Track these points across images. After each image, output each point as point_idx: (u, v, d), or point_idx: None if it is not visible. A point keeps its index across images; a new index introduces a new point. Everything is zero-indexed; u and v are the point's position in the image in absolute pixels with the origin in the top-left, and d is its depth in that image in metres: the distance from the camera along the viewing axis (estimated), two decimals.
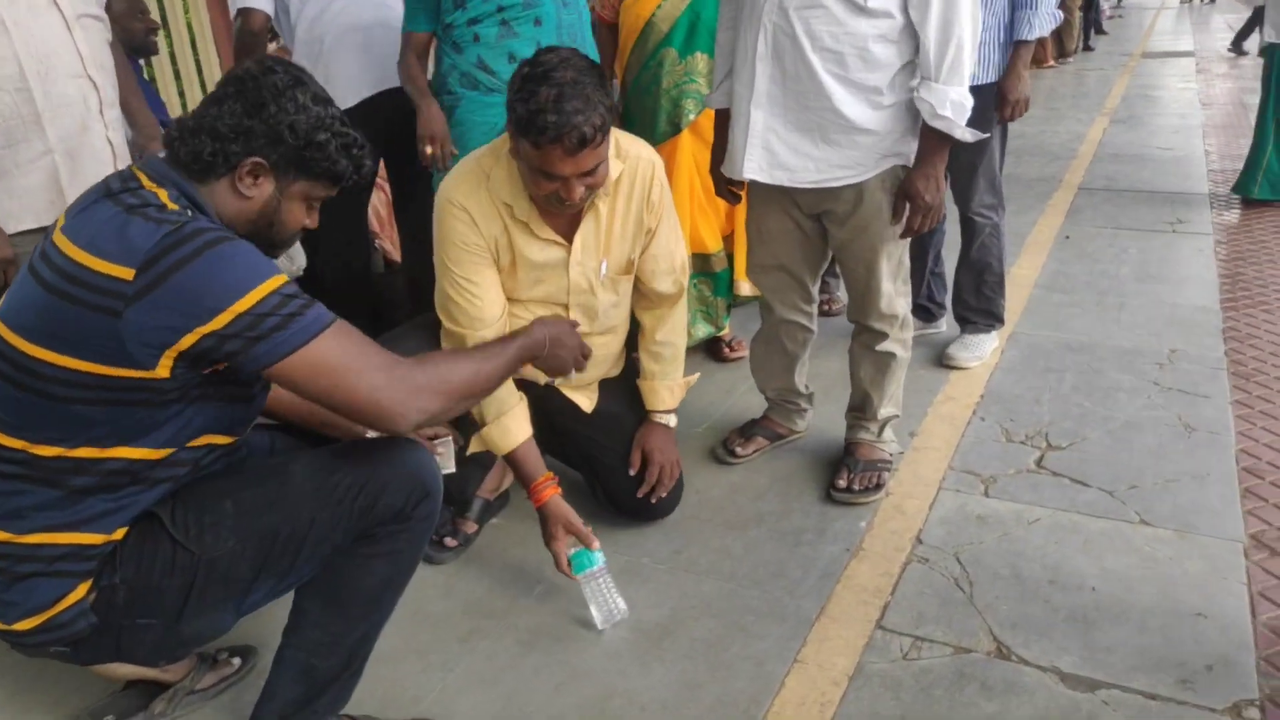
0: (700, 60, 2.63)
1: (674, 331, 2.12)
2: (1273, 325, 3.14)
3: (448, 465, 1.71)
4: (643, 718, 1.62)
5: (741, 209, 2.53)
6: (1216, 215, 4.50)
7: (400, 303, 3.18)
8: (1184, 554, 1.98)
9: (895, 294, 2.13)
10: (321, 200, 1.38)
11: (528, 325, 1.71)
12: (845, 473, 2.23)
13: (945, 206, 2.86)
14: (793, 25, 1.86)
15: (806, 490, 2.29)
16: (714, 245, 2.84)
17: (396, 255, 3.44)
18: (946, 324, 3.13)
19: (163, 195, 1.24)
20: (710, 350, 3.07)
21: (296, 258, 2.16)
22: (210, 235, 1.19)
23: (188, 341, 1.17)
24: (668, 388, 2.13)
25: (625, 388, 2.17)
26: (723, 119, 2.16)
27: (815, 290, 2.31)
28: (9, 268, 1.82)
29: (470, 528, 2.15)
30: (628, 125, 2.72)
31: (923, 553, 2.03)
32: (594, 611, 1.81)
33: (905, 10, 1.83)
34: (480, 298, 1.84)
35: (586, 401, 2.12)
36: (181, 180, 1.27)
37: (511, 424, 1.89)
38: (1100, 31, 12.16)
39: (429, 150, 2.37)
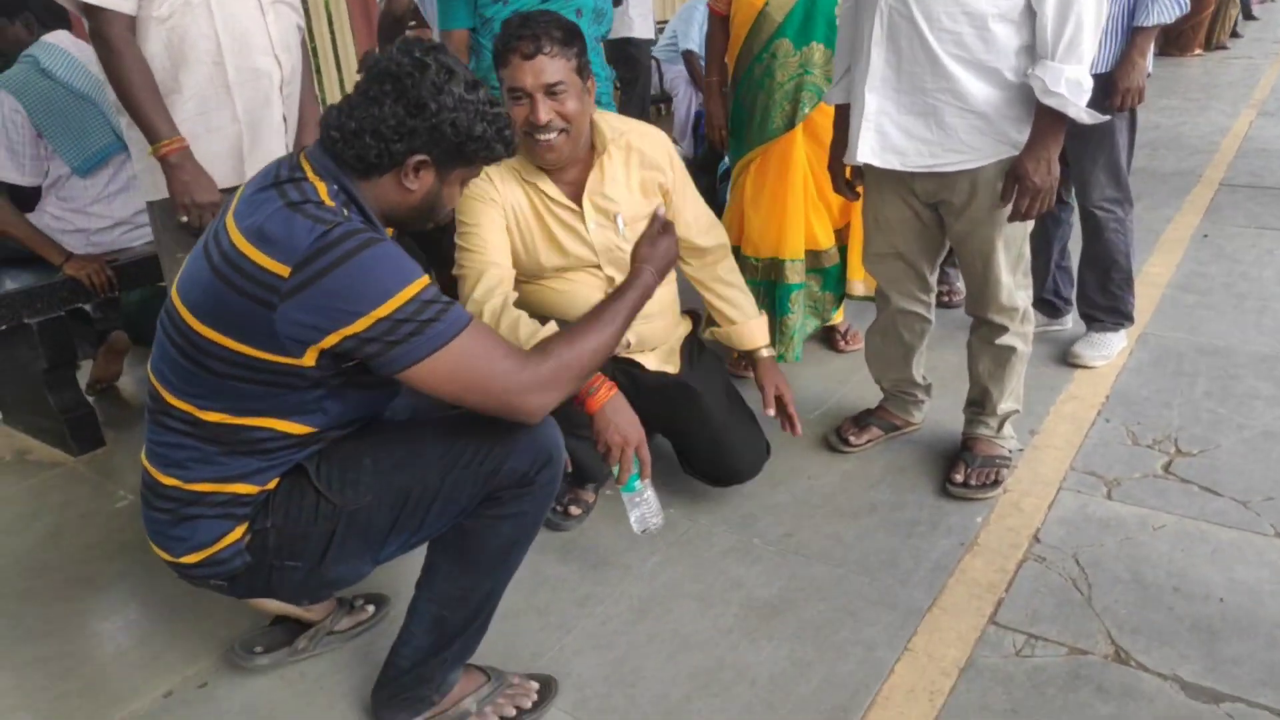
0: (817, 51, 2.56)
1: (731, 271, 2.21)
2: None
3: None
4: (752, 691, 1.67)
5: (856, 205, 2.52)
6: None
7: None
8: None
9: (1015, 286, 2.09)
10: (474, 177, 1.45)
11: (631, 270, 1.65)
12: (962, 467, 2.21)
13: (1063, 195, 2.81)
14: (909, 7, 1.84)
15: (921, 483, 2.28)
16: (826, 242, 2.80)
17: None
18: (1073, 320, 3.03)
19: (321, 189, 1.31)
20: (825, 340, 3.07)
21: None
22: (360, 239, 1.25)
23: (330, 341, 1.26)
24: (756, 325, 2.20)
25: (700, 362, 2.21)
26: (843, 115, 2.15)
27: (933, 280, 2.28)
28: (210, 212, 1.99)
29: (590, 498, 2.24)
30: (737, 121, 2.70)
31: (1040, 552, 2.00)
32: (633, 517, 1.78)
33: None
34: (481, 238, 1.90)
35: (671, 368, 2.15)
36: (343, 176, 1.34)
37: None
38: (1250, 17, 11.42)
39: None
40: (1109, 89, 2.53)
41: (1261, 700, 1.59)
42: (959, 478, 2.20)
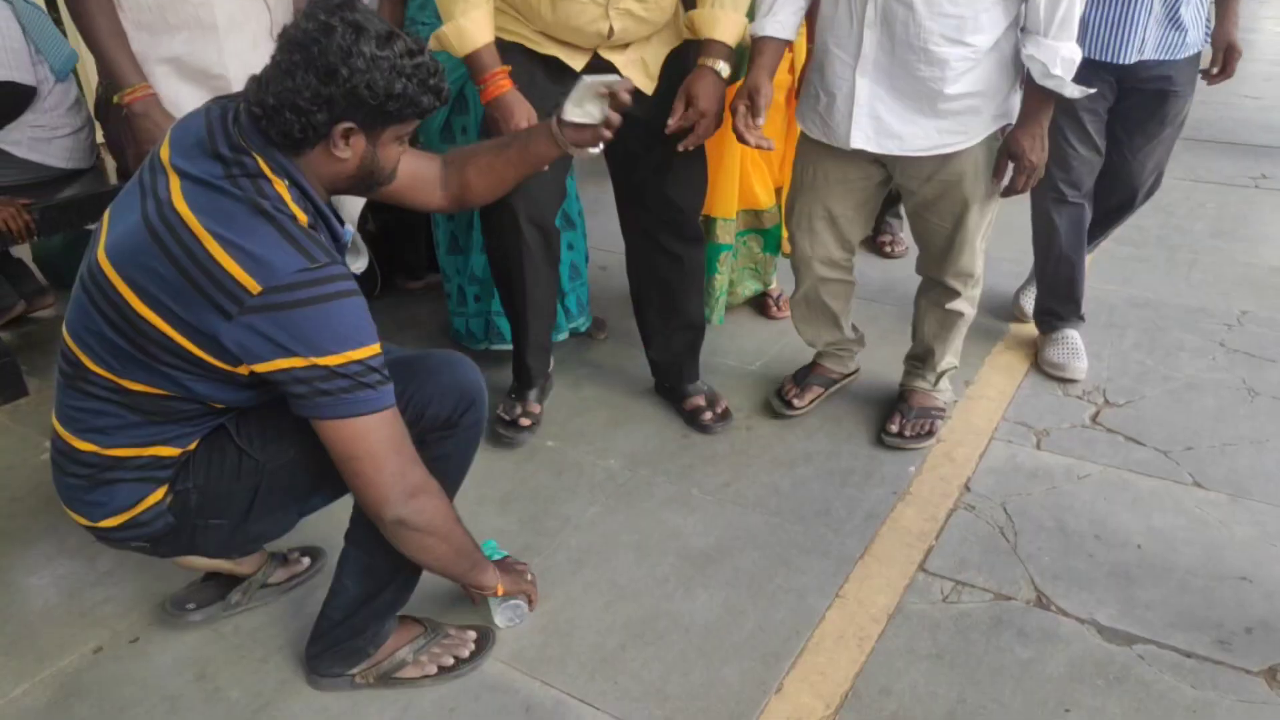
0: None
1: None
2: None
3: None
4: (686, 639, 1.70)
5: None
6: None
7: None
8: (1234, 518, 1.98)
9: (978, 251, 2.09)
10: (414, 130, 1.40)
11: (498, 562, 1.69)
12: (898, 418, 2.25)
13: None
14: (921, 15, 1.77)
15: (857, 432, 2.32)
16: (766, 201, 2.74)
17: None
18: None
19: (282, 189, 1.26)
20: (758, 307, 3.05)
21: (360, 256, 2.08)
22: (339, 286, 1.23)
23: (266, 367, 1.23)
24: (730, 18, 1.91)
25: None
26: (771, 51, 1.96)
27: (857, 241, 2.24)
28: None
29: (536, 408, 2.32)
30: None
31: (970, 500, 2.05)
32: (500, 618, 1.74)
33: None
34: None
35: (646, 80, 1.99)
36: (278, 155, 1.28)
37: (469, 26, 1.83)
38: None
39: None
40: (1217, 54, 2.42)
41: (1171, 642, 1.66)
42: (894, 428, 2.23)
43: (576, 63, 1.97)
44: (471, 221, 2.54)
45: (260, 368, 1.24)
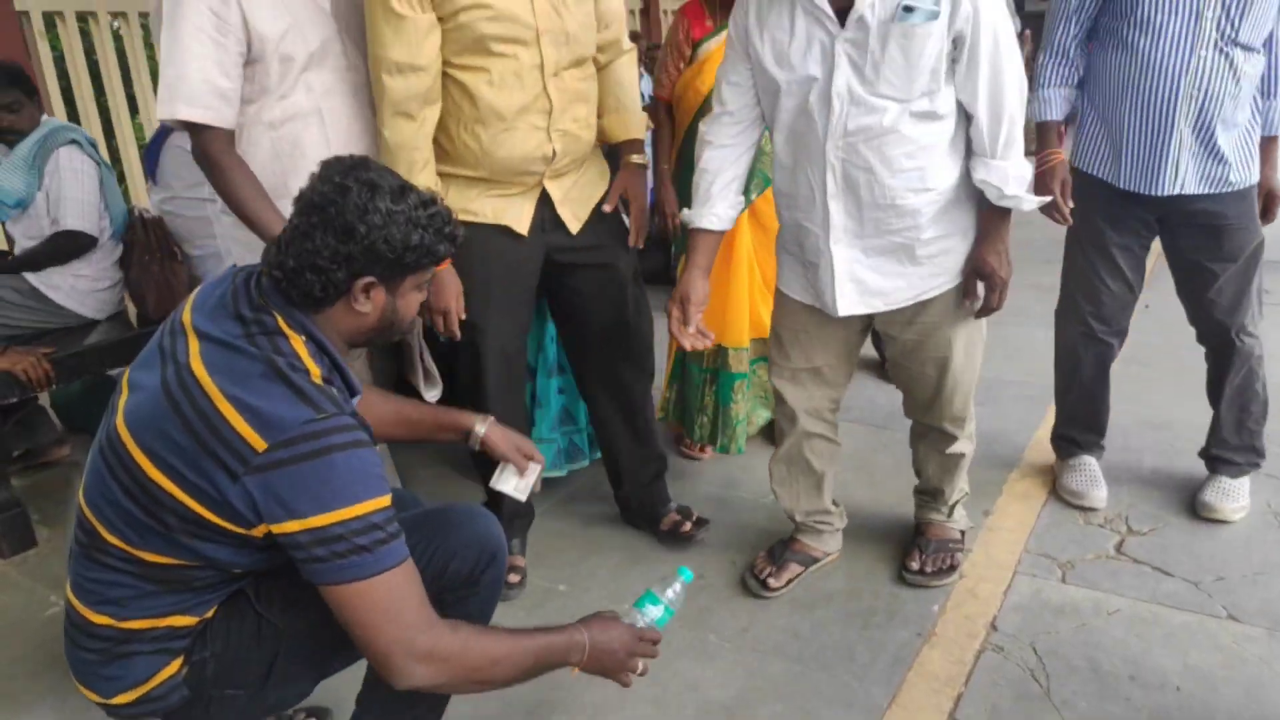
0: (764, 138, 2.58)
1: (628, 69, 2.20)
2: None
3: (523, 492, 1.74)
4: None
5: None
6: None
7: None
8: (1274, 654, 1.90)
9: (970, 396, 2.04)
10: (430, 277, 1.43)
11: (573, 626, 1.43)
12: (917, 554, 2.20)
13: (1121, 321, 2.47)
14: (865, 157, 1.78)
15: (876, 569, 2.26)
16: None
17: None
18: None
19: (302, 350, 1.28)
20: (771, 437, 3.02)
21: (435, 386, 2.15)
22: (347, 437, 1.22)
23: (279, 529, 1.21)
24: (636, 116, 2.21)
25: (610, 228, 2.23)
26: (707, 245, 1.98)
27: (842, 397, 2.19)
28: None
29: (520, 562, 2.31)
30: (685, 205, 2.69)
31: (997, 641, 1.99)
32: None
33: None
34: (411, 26, 1.80)
35: (574, 220, 2.14)
36: (298, 313, 1.31)
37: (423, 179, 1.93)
38: None
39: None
40: (1263, 202, 2.33)
41: None
42: (915, 565, 2.18)
43: (523, 219, 2.08)
44: (540, 346, 2.61)
45: (275, 529, 1.22)
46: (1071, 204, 2.22)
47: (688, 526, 2.41)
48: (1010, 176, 1.79)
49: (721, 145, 1.94)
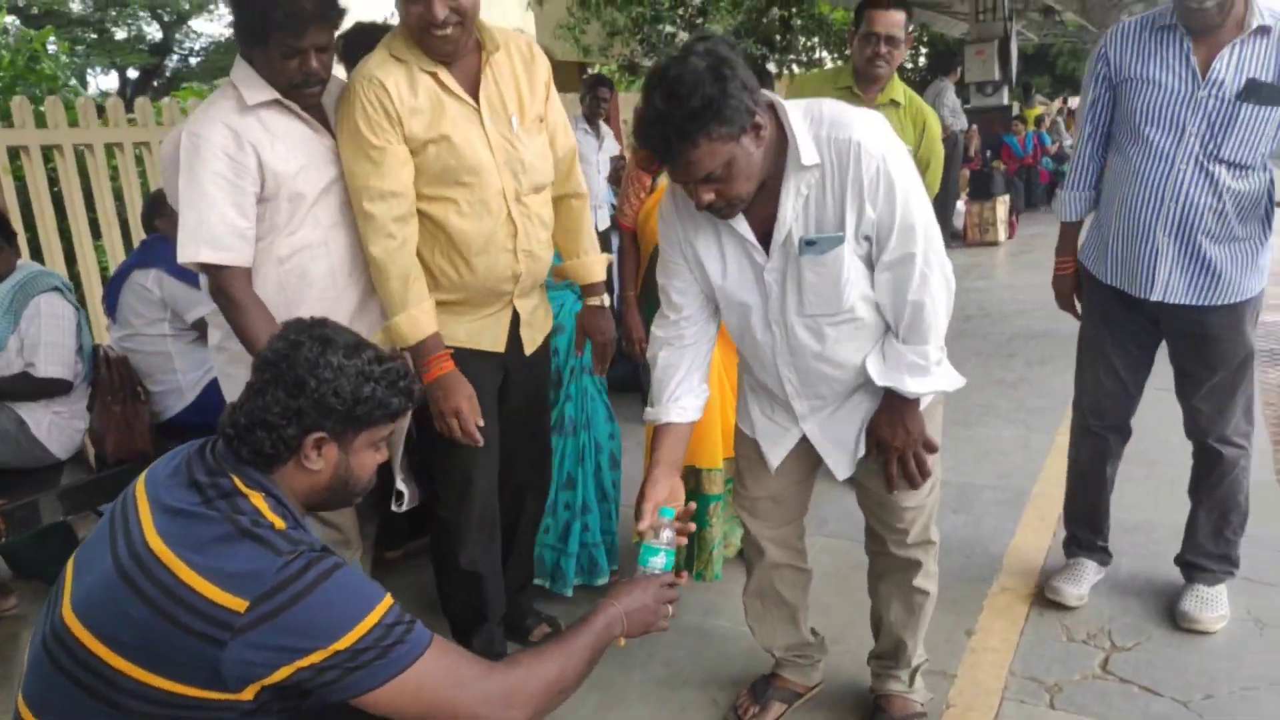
0: None
1: (583, 205, 2.30)
2: None
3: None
4: None
5: None
6: (1262, 373, 4.45)
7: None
8: None
9: (932, 516, 1.97)
10: (388, 435, 1.41)
11: (601, 604, 1.51)
12: None
13: (1123, 424, 2.53)
14: (812, 350, 1.78)
15: (865, 700, 2.19)
16: None
17: None
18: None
19: (259, 501, 1.26)
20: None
21: (408, 499, 2.20)
22: (322, 567, 1.21)
23: (282, 674, 1.18)
24: (598, 260, 2.31)
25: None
26: (673, 439, 1.84)
27: (803, 520, 2.12)
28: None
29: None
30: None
31: None
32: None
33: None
34: (390, 157, 1.93)
35: (530, 342, 2.24)
36: (253, 473, 1.29)
37: (421, 316, 2.01)
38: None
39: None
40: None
41: None
42: None
43: (499, 339, 2.18)
44: (562, 457, 2.64)
45: (275, 679, 1.18)
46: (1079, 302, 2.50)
47: None
48: (904, 363, 1.73)
49: (681, 346, 1.86)
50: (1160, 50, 2.19)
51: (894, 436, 1.80)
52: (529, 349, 2.25)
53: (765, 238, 1.71)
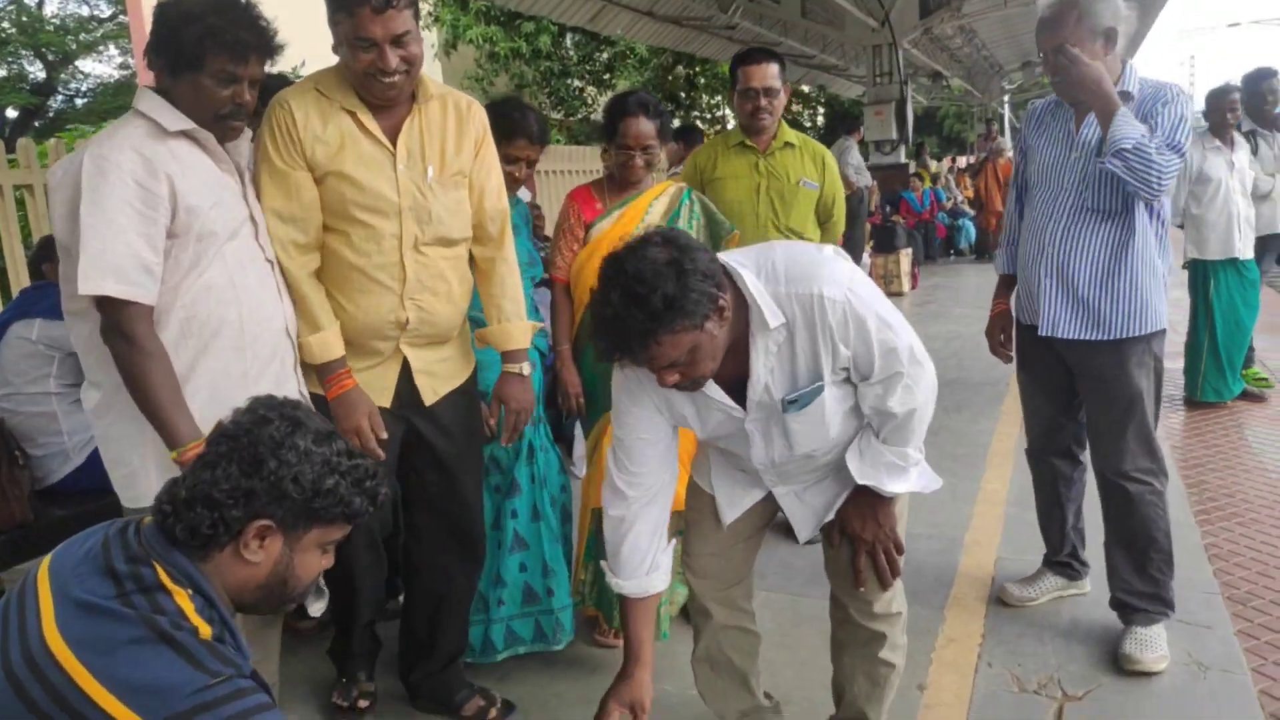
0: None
1: (509, 268, 2.20)
2: (1251, 541, 3.13)
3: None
4: None
5: None
6: (1165, 418, 4.60)
7: None
8: None
9: (900, 589, 1.90)
10: (337, 541, 1.25)
11: None
12: None
13: (1074, 452, 2.66)
14: (806, 464, 1.78)
15: None
16: None
17: None
18: (1091, 583, 2.80)
19: (184, 601, 1.09)
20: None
21: (320, 597, 2.01)
22: (245, 704, 1.04)
23: None
24: (519, 328, 2.21)
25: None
26: (649, 613, 1.80)
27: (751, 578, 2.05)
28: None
29: (370, 686, 2.41)
30: (591, 386, 2.61)
31: None
32: None
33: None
34: (293, 181, 1.93)
35: (430, 392, 2.13)
36: (180, 559, 1.13)
37: (333, 339, 1.99)
38: None
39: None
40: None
41: None
42: None
43: (385, 393, 2.09)
44: (497, 521, 2.49)
45: None
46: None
47: (494, 714, 2.33)
48: (883, 462, 1.71)
49: (627, 520, 1.75)
50: (1051, 123, 2.54)
51: (864, 529, 1.77)
52: (429, 398, 2.13)
53: (739, 389, 1.67)
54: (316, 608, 1.97)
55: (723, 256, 1.61)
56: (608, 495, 1.77)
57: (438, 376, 2.16)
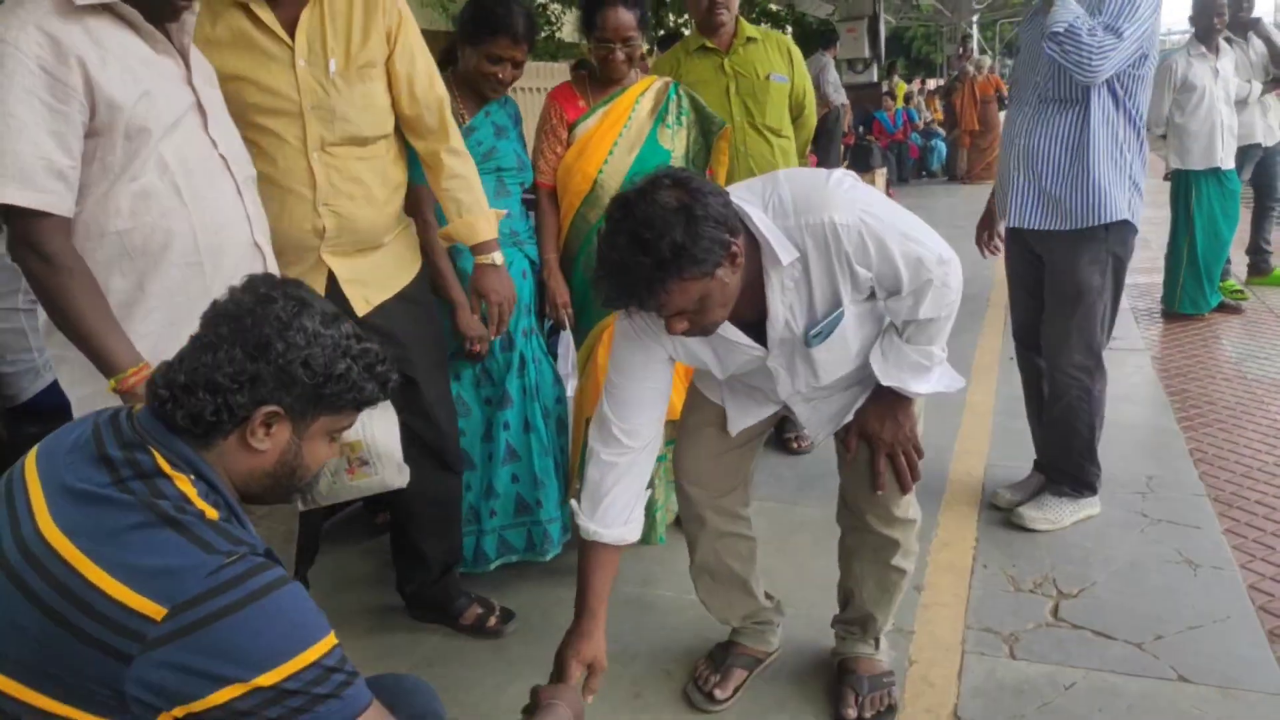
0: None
1: (459, 160, 2.06)
2: (1234, 446, 3.17)
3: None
4: None
5: None
6: (1144, 331, 4.65)
7: None
8: (1233, 714, 1.87)
9: (912, 495, 1.85)
10: (345, 429, 1.18)
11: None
12: (852, 696, 1.92)
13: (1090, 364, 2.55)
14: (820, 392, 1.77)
15: (821, 664, 2.10)
16: None
17: None
18: (1103, 502, 2.74)
19: (185, 485, 1.03)
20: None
21: (397, 473, 1.94)
22: (264, 579, 0.98)
23: (200, 706, 0.95)
24: (484, 217, 2.08)
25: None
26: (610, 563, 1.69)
27: (748, 486, 2.02)
28: None
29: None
30: (583, 294, 2.55)
31: None
32: None
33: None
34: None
35: (363, 302, 1.98)
36: (182, 446, 1.06)
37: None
38: None
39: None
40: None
41: None
42: (852, 713, 1.90)
43: None
44: (489, 433, 2.44)
45: (179, 713, 0.95)
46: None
47: (494, 621, 2.33)
48: (908, 362, 1.66)
49: (620, 467, 1.66)
50: (1035, 16, 2.57)
51: (884, 430, 1.74)
52: (360, 308, 1.98)
53: (758, 328, 1.61)
54: (401, 479, 1.93)
55: (733, 199, 1.53)
56: (600, 436, 1.67)
57: (369, 285, 2.01)
